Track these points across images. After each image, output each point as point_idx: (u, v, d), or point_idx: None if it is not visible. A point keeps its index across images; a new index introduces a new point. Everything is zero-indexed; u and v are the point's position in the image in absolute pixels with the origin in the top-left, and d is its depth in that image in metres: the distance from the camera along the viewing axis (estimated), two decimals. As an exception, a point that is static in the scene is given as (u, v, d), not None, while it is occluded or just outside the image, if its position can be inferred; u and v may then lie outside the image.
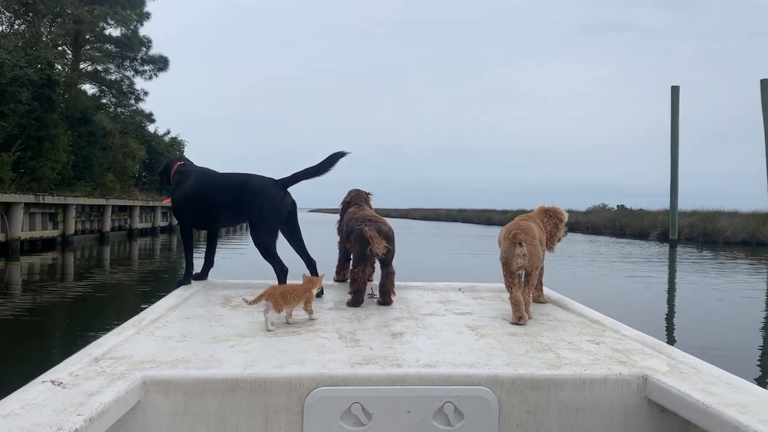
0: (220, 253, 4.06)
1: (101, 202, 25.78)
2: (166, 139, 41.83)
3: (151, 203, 32.72)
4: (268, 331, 2.44)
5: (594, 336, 2.50)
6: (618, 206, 59.34)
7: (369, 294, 3.14)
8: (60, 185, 23.66)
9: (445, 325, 2.62)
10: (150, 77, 36.64)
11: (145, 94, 37.41)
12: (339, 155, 3.09)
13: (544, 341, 2.37)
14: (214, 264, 3.62)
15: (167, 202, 3.78)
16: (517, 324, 2.58)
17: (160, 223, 34.64)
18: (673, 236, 27.82)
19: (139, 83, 37.44)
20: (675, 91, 27.40)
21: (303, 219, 3.26)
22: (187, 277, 3.43)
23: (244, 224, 3.38)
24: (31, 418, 1.49)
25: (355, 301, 2.94)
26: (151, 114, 41.20)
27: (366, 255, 2.92)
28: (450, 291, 3.49)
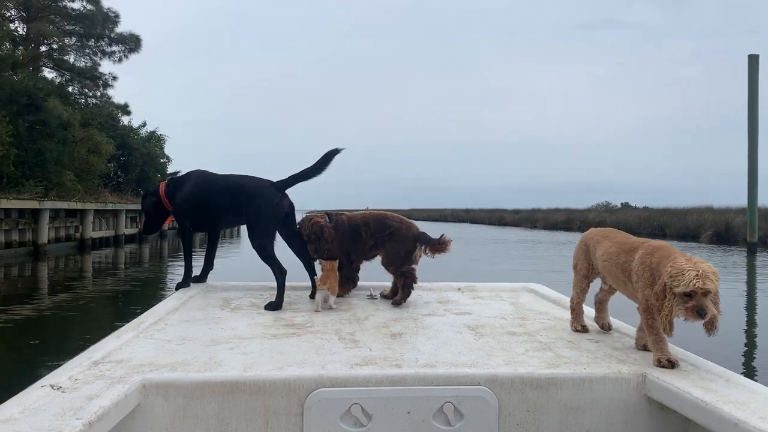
0: (219, 255, 3.83)
1: (30, 205, 20.34)
2: (143, 132, 36.29)
3: (111, 206, 27.23)
4: (316, 312, 2.93)
5: (593, 335, 2.58)
6: (622, 204, 59.91)
7: (369, 295, 3.34)
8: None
9: (444, 325, 2.72)
10: (120, 59, 31.83)
11: (114, 78, 32.24)
12: (333, 153, 3.23)
13: (543, 340, 2.47)
14: (214, 266, 3.77)
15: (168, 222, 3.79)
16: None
17: (126, 230, 29.13)
18: (752, 239, 23.65)
19: (108, 67, 31.99)
20: (753, 61, 22.82)
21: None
22: (187, 280, 3.58)
23: (236, 229, 3.75)
24: (30, 422, 1.56)
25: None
26: (126, 105, 36.04)
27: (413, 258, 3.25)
28: (449, 291, 3.58)
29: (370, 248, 3.36)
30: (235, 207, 3.25)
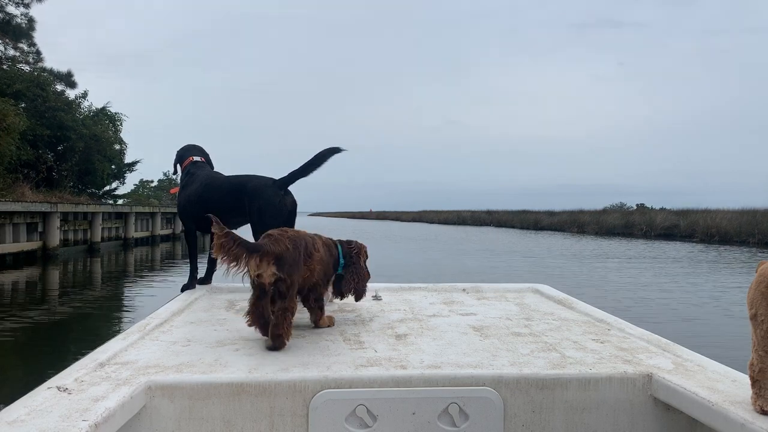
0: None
1: None
2: (85, 108, 26.93)
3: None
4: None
5: (599, 335, 2.56)
6: (638, 205, 55.48)
7: (373, 296, 3.27)
8: None
9: (449, 326, 2.69)
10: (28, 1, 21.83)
11: (31, 22, 22.48)
12: (331, 150, 3.18)
13: (548, 341, 2.44)
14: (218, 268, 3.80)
15: (175, 191, 3.80)
16: None
17: (12, 244, 17.86)
18: None
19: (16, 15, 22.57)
20: None
21: (305, 224, 3.20)
22: (192, 282, 3.56)
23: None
24: (36, 424, 1.55)
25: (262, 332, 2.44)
26: (69, 74, 26.65)
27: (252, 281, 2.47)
28: (454, 292, 3.55)
29: None
30: (238, 207, 3.26)
